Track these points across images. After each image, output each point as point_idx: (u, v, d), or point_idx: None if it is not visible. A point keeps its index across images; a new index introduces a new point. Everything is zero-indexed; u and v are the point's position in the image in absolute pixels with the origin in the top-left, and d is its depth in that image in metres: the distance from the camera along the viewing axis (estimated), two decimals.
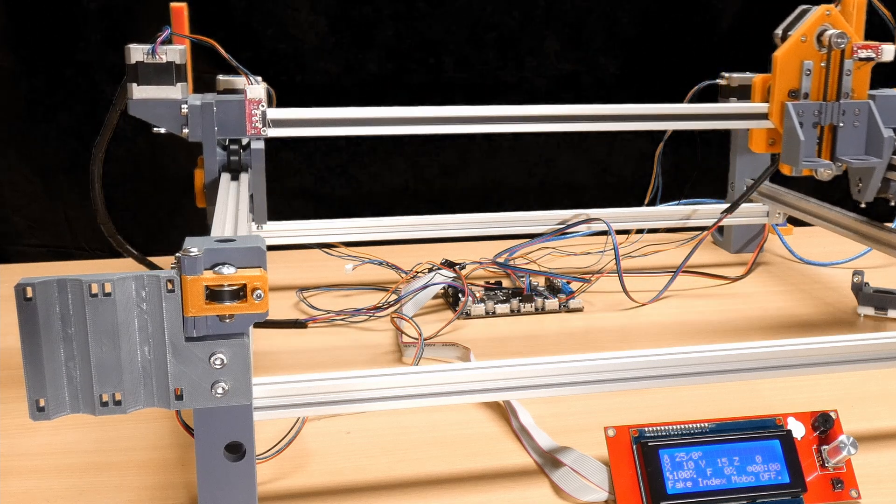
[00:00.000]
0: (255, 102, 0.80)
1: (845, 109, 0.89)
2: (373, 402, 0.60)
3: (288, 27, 1.31)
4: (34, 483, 0.64)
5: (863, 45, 0.88)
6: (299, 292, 1.00)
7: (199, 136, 0.80)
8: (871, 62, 0.89)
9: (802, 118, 0.89)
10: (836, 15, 0.88)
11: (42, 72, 1.26)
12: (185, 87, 0.79)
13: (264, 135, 0.81)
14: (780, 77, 0.90)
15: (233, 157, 0.82)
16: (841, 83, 0.89)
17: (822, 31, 0.88)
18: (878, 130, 0.88)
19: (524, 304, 0.98)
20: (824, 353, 0.66)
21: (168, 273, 0.51)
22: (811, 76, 0.89)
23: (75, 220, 1.33)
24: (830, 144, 0.90)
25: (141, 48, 0.77)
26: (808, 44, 0.89)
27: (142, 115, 0.78)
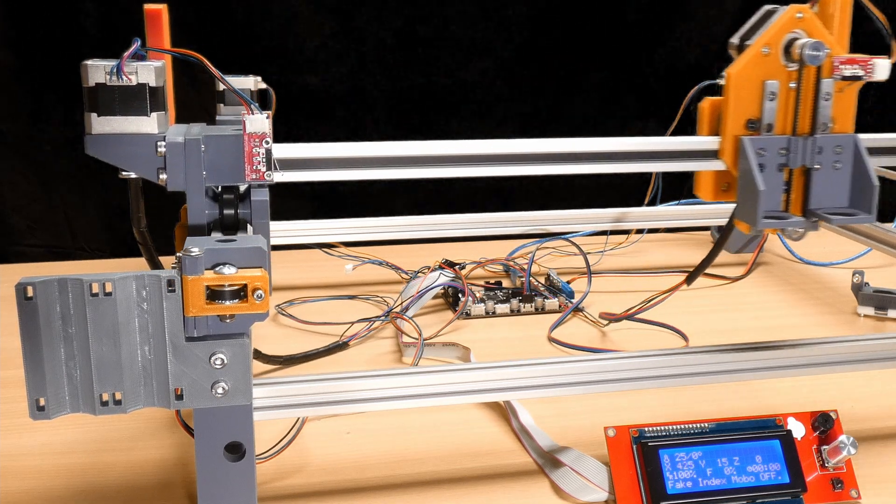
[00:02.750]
0: (258, 138, 0.57)
1: (822, 146, 0.64)
2: (373, 402, 0.60)
3: (288, 27, 1.31)
4: (34, 483, 0.64)
5: (847, 59, 0.64)
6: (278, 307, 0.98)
7: (182, 183, 0.57)
8: (858, 82, 0.65)
9: (764, 158, 0.64)
10: (810, 19, 0.63)
11: (42, 72, 1.26)
12: (162, 118, 0.57)
13: (269, 181, 0.58)
14: (735, 102, 0.63)
15: (227, 211, 0.60)
16: (817, 111, 0.64)
17: (792, 40, 0.63)
18: (866, 175, 0.64)
19: (524, 304, 0.98)
20: (824, 353, 0.66)
21: (169, 273, 0.51)
22: (776, 101, 0.64)
23: (75, 220, 1.33)
24: (803, 193, 0.65)
25: (102, 65, 0.55)
26: (772, 57, 0.63)
27: (103, 155, 0.56)
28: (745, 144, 0.63)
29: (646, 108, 1.45)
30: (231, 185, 0.60)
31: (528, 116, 1.41)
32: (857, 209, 0.65)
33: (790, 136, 0.64)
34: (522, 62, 1.39)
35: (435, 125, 1.38)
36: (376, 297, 1.02)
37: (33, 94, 1.27)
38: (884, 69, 0.64)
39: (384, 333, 0.92)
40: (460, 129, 1.38)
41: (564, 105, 1.42)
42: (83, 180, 1.31)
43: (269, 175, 0.58)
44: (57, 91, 1.27)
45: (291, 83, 1.31)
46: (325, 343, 0.87)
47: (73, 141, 1.29)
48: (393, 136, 1.34)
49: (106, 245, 1.34)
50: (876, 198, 0.64)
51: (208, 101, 0.96)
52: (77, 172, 1.30)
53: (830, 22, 0.66)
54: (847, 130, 0.66)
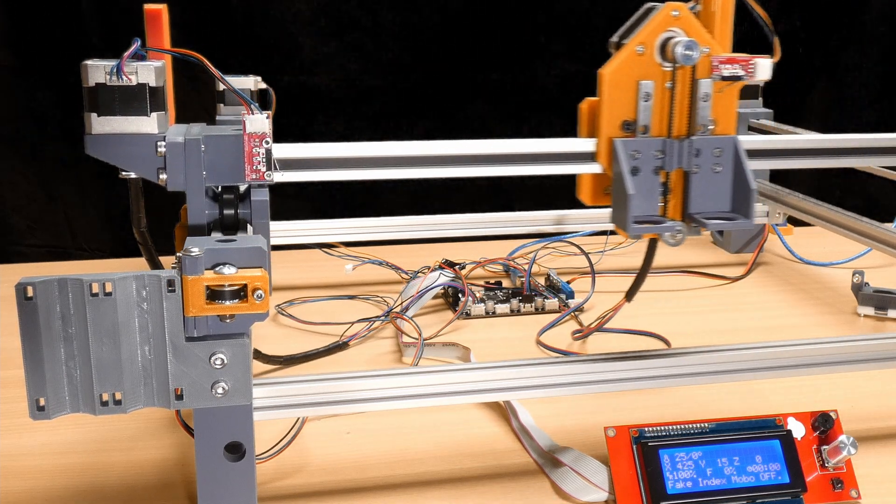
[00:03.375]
0: (258, 138, 0.57)
1: (700, 149, 0.62)
2: (373, 402, 0.60)
3: (288, 27, 1.31)
4: (34, 483, 0.64)
5: (727, 58, 0.61)
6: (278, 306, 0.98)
7: (182, 184, 0.58)
8: (739, 82, 0.62)
9: (639, 161, 0.61)
10: (686, 17, 0.60)
11: (42, 72, 1.26)
12: (162, 118, 0.58)
13: (269, 181, 0.58)
14: (609, 103, 0.61)
15: (227, 211, 0.61)
16: (694, 112, 0.61)
17: (668, 39, 0.60)
18: (744, 179, 0.62)
19: (524, 304, 0.98)
20: (824, 353, 0.66)
21: (169, 273, 0.51)
22: (651, 102, 0.61)
23: (75, 220, 1.33)
24: (682, 197, 0.62)
25: (102, 65, 0.55)
26: (647, 56, 0.60)
27: (103, 155, 0.57)
28: (617, 147, 0.61)
29: None
30: (231, 185, 0.60)
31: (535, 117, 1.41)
32: (737, 214, 0.62)
33: (666, 139, 0.62)
34: (524, 60, 1.39)
35: (436, 123, 1.38)
36: (376, 297, 1.02)
37: (33, 94, 1.27)
38: (765, 69, 0.62)
39: (384, 333, 0.92)
40: (462, 129, 1.38)
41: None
42: (83, 180, 1.31)
43: (269, 175, 0.58)
44: (57, 91, 1.27)
45: (291, 83, 1.31)
46: (325, 343, 0.87)
47: (73, 141, 1.29)
48: (394, 135, 1.35)
49: (106, 245, 1.34)
50: (753, 202, 0.61)
51: (208, 101, 0.96)
52: (77, 172, 1.30)
53: (711, 20, 0.63)
54: (729, 132, 0.63)
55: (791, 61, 1.48)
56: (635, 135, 0.61)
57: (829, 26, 1.49)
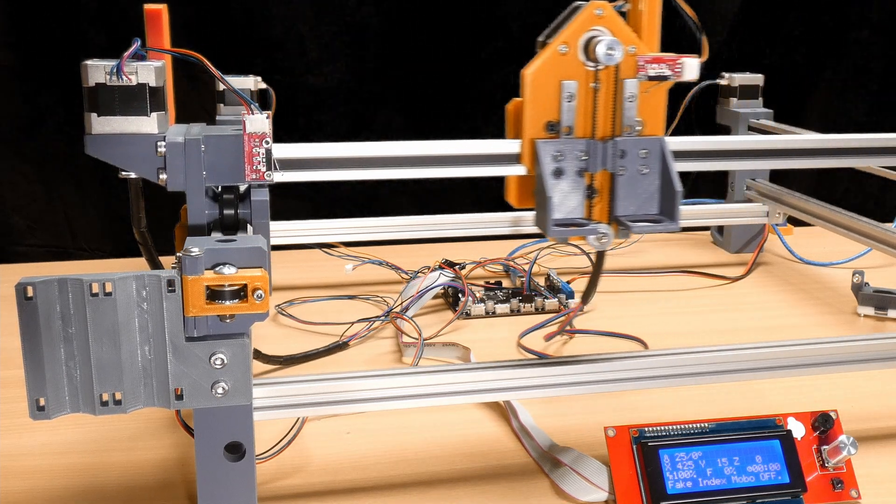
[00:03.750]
0: (258, 138, 0.57)
1: (626, 150, 0.60)
2: (373, 402, 0.60)
3: (288, 26, 1.31)
4: (34, 483, 0.64)
5: (653, 58, 0.59)
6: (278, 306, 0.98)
7: (182, 184, 0.58)
8: (665, 82, 0.60)
9: (562, 162, 0.60)
10: (610, 16, 0.59)
11: (42, 72, 1.26)
12: (162, 118, 0.57)
13: (269, 181, 0.58)
14: (533, 104, 0.59)
15: (227, 211, 0.61)
16: (619, 112, 0.60)
17: (591, 38, 0.59)
18: (669, 180, 0.60)
19: (524, 304, 0.98)
20: (824, 353, 0.66)
21: (169, 273, 0.51)
22: (574, 102, 0.59)
23: (75, 220, 1.33)
24: (609, 199, 0.61)
25: (102, 65, 0.55)
26: (570, 56, 0.59)
27: (103, 155, 0.57)
28: (538, 148, 0.60)
29: None
30: (231, 185, 0.60)
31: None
32: (664, 216, 0.61)
33: (590, 140, 0.60)
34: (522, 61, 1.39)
35: (437, 124, 1.38)
36: (376, 297, 1.02)
37: (33, 94, 1.27)
38: (693, 69, 0.60)
39: (384, 333, 0.92)
40: (465, 126, 1.38)
41: None
42: (83, 180, 1.31)
43: (269, 175, 0.58)
44: (57, 91, 1.27)
45: (292, 83, 1.31)
46: (325, 343, 0.87)
47: (73, 141, 1.29)
48: (395, 134, 1.35)
49: (106, 245, 1.34)
50: (678, 204, 0.60)
51: (208, 102, 0.96)
52: (77, 172, 1.30)
53: (639, 19, 0.61)
54: (657, 133, 0.62)
55: (791, 61, 1.48)
56: (559, 136, 0.60)
57: (828, 26, 1.49)
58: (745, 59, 1.41)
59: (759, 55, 1.45)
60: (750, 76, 1.13)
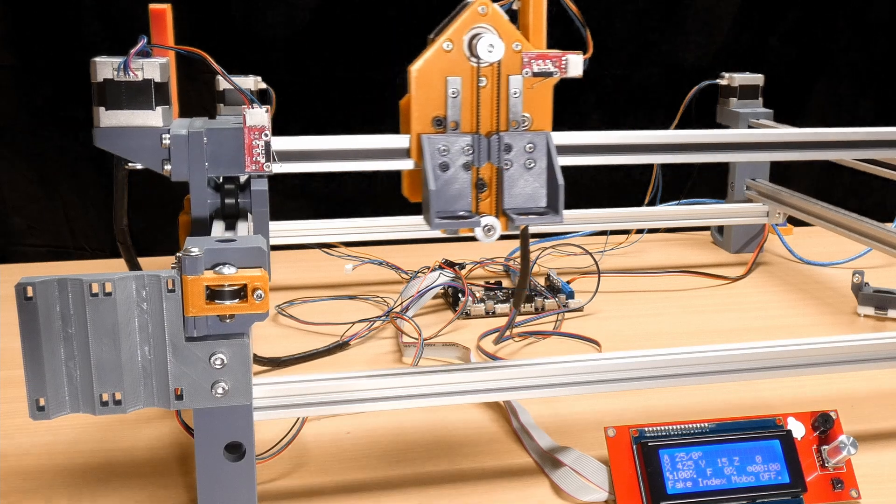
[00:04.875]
0: (257, 131, 0.60)
1: (511, 144, 0.62)
2: (373, 402, 0.60)
3: (288, 26, 1.31)
4: (34, 483, 0.64)
5: (538, 54, 0.61)
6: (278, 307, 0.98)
7: (185, 174, 0.61)
8: (551, 78, 0.62)
9: (447, 156, 0.61)
10: (494, 14, 0.61)
11: (42, 72, 1.26)
12: (167, 112, 0.61)
13: (268, 171, 0.61)
14: (419, 100, 0.61)
15: (228, 200, 0.65)
16: (502, 108, 0.62)
17: (475, 35, 0.61)
18: (553, 174, 0.62)
19: (524, 304, 0.97)
20: (824, 353, 0.66)
21: (169, 273, 0.51)
22: (459, 98, 0.61)
23: (75, 220, 1.33)
24: (497, 193, 0.63)
25: (110, 62, 0.59)
26: (455, 53, 0.61)
27: (110, 147, 0.60)
28: (422, 142, 0.61)
29: (647, 107, 1.45)
30: (232, 176, 0.64)
31: None
32: (550, 209, 0.63)
33: (475, 135, 0.62)
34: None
35: None
36: (376, 297, 1.02)
37: (33, 94, 1.27)
38: (577, 65, 0.62)
39: (384, 333, 0.92)
40: None
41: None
42: (83, 180, 1.31)
43: (269, 166, 0.60)
44: (57, 91, 1.27)
45: (292, 83, 1.31)
46: (325, 343, 0.87)
47: (73, 141, 1.29)
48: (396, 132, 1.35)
49: (106, 245, 1.35)
50: (561, 197, 0.62)
51: (208, 102, 0.96)
52: (77, 172, 1.31)
53: (527, 16, 0.63)
54: (545, 128, 0.63)
55: (791, 62, 1.49)
56: (446, 131, 0.62)
57: (828, 26, 1.49)
58: (745, 59, 1.41)
59: (759, 55, 1.45)
60: (750, 76, 1.13)
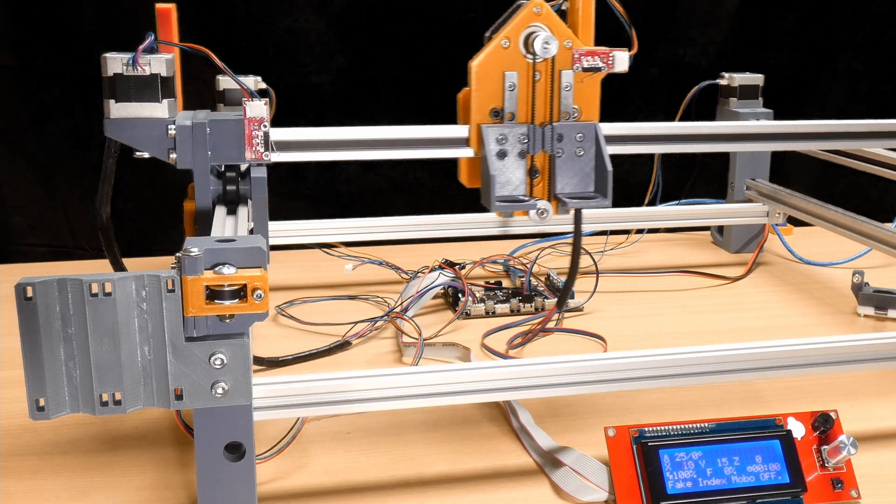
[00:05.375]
0: (256, 122, 0.64)
1: (562, 133, 0.68)
2: (373, 402, 0.60)
3: (289, 27, 1.31)
4: (34, 483, 0.64)
5: (587, 51, 0.67)
6: (278, 307, 0.98)
7: (189, 162, 0.65)
8: (598, 73, 0.68)
9: (505, 145, 0.67)
10: (548, 14, 0.67)
11: (42, 72, 1.26)
12: (172, 104, 0.65)
13: (267, 160, 0.66)
14: (479, 93, 0.67)
15: (229, 187, 0.70)
16: (555, 100, 0.68)
17: (530, 33, 0.66)
18: (602, 161, 0.68)
19: (524, 304, 0.98)
20: (824, 353, 0.66)
21: (168, 273, 0.51)
22: (516, 91, 0.67)
23: (75, 220, 1.33)
24: (548, 179, 0.69)
25: (119, 57, 0.63)
26: (512, 50, 0.67)
27: (120, 137, 0.65)
28: (483, 132, 0.68)
29: (648, 106, 1.45)
30: (233, 164, 0.69)
31: None
32: (599, 193, 0.69)
33: (529, 125, 0.68)
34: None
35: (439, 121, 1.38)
36: (376, 297, 1.02)
37: (33, 94, 1.27)
38: (623, 61, 0.67)
39: (384, 333, 0.92)
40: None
41: None
42: (83, 180, 1.31)
43: (267, 155, 0.65)
44: (57, 91, 1.27)
45: (292, 83, 1.31)
46: (324, 343, 0.87)
47: (74, 140, 1.29)
48: None
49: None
50: (610, 182, 0.68)
51: (208, 102, 0.96)
52: (77, 172, 1.31)
53: (576, 16, 0.68)
54: (592, 119, 0.69)
55: (791, 62, 1.48)
56: (503, 121, 0.68)
57: (828, 26, 1.49)
58: (745, 59, 1.41)
59: (759, 55, 1.45)
60: (750, 76, 1.13)
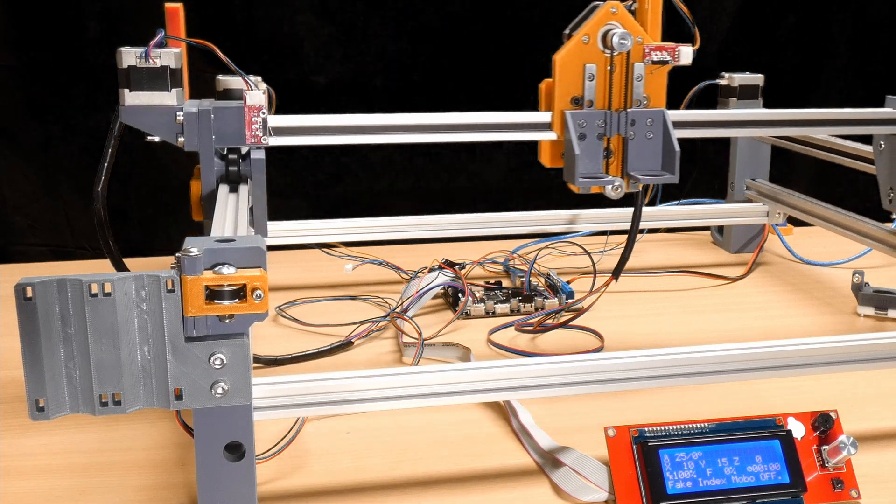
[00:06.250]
0: (255, 109, 0.74)
1: (635, 119, 0.77)
2: (373, 402, 0.60)
3: (289, 27, 1.31)
4: (34, 483, 0.64)
5: (656, 46, 0.76)
6: (277, 308, 0.98)
7: (196, 145, 0.74)
8: (666, 66, 0.77)
9: (585, 129, 0.77)
10: (623, 13, 0.76)
11: (42, 72, 1.26)
12: (180, 93, 0.74)
13: (265, 144, 0.74)
14: (561, 83, 0.77)
15: (231, 168, 0.78)
16: (629, 89, 0.77)
17: (607, 30, 0.75)
18: (670, 143, 0.77)
19: (524, 304, 0.98)
20: (824, 353, 0.66)
21: (168, 273, 0.51)
22: (594, 81, 0.76)
23: (75, 220, 1.33)
24: (622, 158, 0.78)
25: (133, 51, 0.71)
26: (591, 45, 0.76)
27: (134, 122, 0.73)
28: (567, 118, 0.77)
29: None
30: (234, 147, 0.77)
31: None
32: (665, 171, 0.78)
33: (606, 111, 0.77)
34: (525, 58, 1.39)
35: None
36: (376, 297, 1.02)
37: (33, 94, 1.27)
38: (687, 55, 0.76)
39: (385, 333, 0.92)
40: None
41: None
42: (83, 180, 1.31)
43: (265, 139, 0.74)
44: (57, 90, 1.27)
45: (292, 82, 1.31)
46: (325, 344, 0.87)
47: (74, 140, 1.29)
48: None
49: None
50: (677, 161, 0.77)
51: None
52: (77, 172, 1.30)
53: (645, 15, 0.77)
54: (659, 106, 0.78)
55: (791, 62, 1.48)
56: (583, 108, 0.77)
57: (828, 26, 1.49)
58: (745, 59, 1.41)
59: (759, 55, 1.45)
60: (750, 76, 1.13)
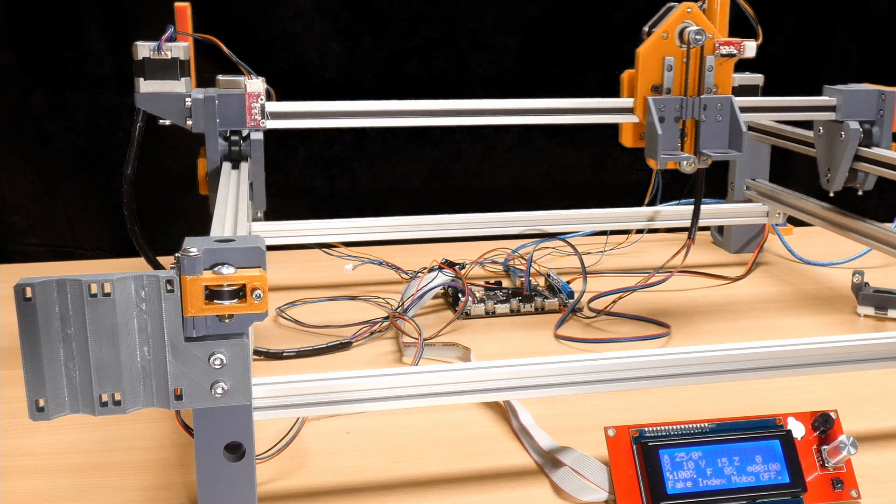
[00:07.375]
0: (255, 96, 0.85)
1: (707, 104, 0.89)
2: (373, 402, 0.60)
3: (289, 27, 1.31)
4: (34, 483, 0.64)
5: (724, 41, 0.87)
6: (278, 309, 0.98)
7: (202, 127, 0.85)
8: (733, 58, 0.88)
9: (664, 112, 0.89)
10: (696, 13, 0.88)
11: (42, 72, 1.26)
12: (188, 82, 0.85)
13: (263, 126, 0.86)
14: (643, 73, 0.89)
15: (233, 148, 0.87)
16: (702, 79, 0.89)
17: (684, 28, 0.87)
18: (737, 125, 0.88)
19: (524, 304, 0.98)
20: (824, 353, 0.66)
21: (167, 273, 0.51)
22: (672, 72, 0.88)
23: (75, 220, 1.33)
24: (694, 138, 0.90)
25: (148, 45, 0.83)
26: (669, 40, 0.88)
27: (148, 107, 0.84)
28: (649, 103, 0.89)
29: None
30: (236, 129, 0.87)
31: None
32: (732, 149, 0.90)
33: (682, 97, 0.89)
34: (525, 58, 1.39)
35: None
36: (376, 297, 1.02)
37: (33, 94, 1.27)
38: (751, 49, 0.88)
39: (385, 333, 0.92)
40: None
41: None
42: (83, 180, 1.31)
43: (263, 122, 0.87)
44: (57, 91, 1.27)
45: (292, 82, 1.31)
46: (323, 338, 0.87)
47: (74, 140, 1.29)
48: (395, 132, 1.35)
49: (106, 245, 1.34)
50: (744, 139, 0.88)
51: None
52: (77, 172, 1.30)
53: (714, 15, 0.90)
54: (726, 93, 0.91)
55: (791, 62, 1.48)
56: (661, 94, 0.90)
57: (828, 26, 1.49)
58: (745, 59, 1.41)
59: (759, 55, 1.45)
60: (750, 76, 1.13)
